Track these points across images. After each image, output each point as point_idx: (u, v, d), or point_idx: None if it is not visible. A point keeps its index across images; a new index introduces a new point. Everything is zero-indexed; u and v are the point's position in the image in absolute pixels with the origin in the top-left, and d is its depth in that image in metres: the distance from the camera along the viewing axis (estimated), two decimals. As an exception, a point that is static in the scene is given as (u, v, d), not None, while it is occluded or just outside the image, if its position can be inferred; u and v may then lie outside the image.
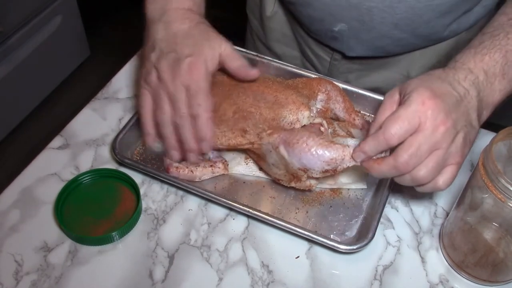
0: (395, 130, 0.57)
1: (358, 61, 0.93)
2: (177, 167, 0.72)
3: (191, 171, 0.72)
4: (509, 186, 0.55)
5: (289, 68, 0.84)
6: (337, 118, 0.79)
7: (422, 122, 0.57)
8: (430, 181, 0.60)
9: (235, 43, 0.88)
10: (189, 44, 0.68)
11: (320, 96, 0.76)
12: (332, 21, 0.84)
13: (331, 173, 0.65)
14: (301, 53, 1.00)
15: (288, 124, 0.69)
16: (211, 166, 0.73)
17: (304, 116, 0.69)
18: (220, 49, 0.69)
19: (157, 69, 0.68)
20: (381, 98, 0.80)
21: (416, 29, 0.81)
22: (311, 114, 0.70)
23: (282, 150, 0.66)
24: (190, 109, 0.67)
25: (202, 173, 0.73)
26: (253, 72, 0.72)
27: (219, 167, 0.73)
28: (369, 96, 0.82)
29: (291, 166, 0.66)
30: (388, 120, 0.58)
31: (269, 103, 0.70)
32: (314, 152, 0.64)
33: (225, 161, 0.74)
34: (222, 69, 0.72)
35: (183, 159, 0.72)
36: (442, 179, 0.60)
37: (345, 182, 0.74)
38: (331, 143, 0.64)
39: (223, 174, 0.74)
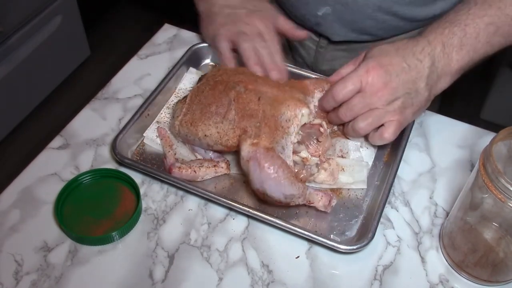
0: (340, 89, 0.70)
1: (343, 46, 0.96)
2: (179, 167, 0.72)
3: (194, 171, 0.72)
4: (509, 186, 0.55)
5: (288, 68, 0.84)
6: None
7: (363, 86, 0.69)
8: (371, 133, 0.72)
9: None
10: (254, 5, 0.83)
11: (317, 95, 0.76)
12: (316, 4, 0.88)
13: (282, 205, 0.68)
14: (287, 43, 1.02)
15: (286, 121, 0.69)
16: (214, 166, 0.73)
17: (302, 114, 0.69)
18: (276, 14, 0.84)
19: (232, 21, 0.80)
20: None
21: (398, 11, 0.85)
22: (310, 113, 0.71)
23: (251, 165, 0.66)
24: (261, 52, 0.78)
25: (205, 173, 0.73)
26: (302, 33, 0.85)
27: (222, 167, 0.73)
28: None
29: (251, 183, 0.67)
30: (339, 81, 0.71)
31: (270, 99, 0.71)
32: (278, 183, 0.65)
33: (227, 161, 0.74)
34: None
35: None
36: (386, 132, 0.71)
37: (345, 182, 0.74)
38: (296, 180, 0.66)
39: (224, 174, 0.74)
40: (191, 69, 0.87)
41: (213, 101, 0.72)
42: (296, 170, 0.70)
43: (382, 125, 0.71)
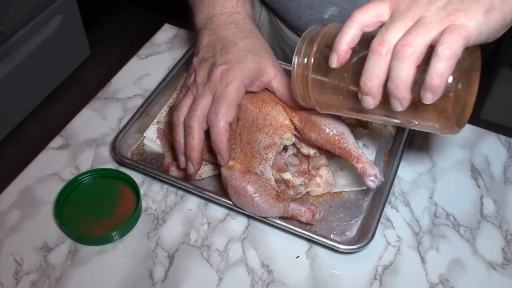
0: (366, 10, 0.51)
1: None
2: (177, 166, 0.72)
3: None
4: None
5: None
6: None
7: (395, 2, 0.50)
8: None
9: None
10: (227, 51, 0.66)
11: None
12: (322, 6, 0.82)
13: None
14: (282, 53, 0.99)
15: (263, 148, 0.65)
16: (211, 163, 0.73)
17: (283, 138, 0.66)
18: (264, 65, 0.67)
19: (195, 73, 0.68)
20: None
21: None
22: (293, 136, 0.67)
23: (229, 190, 0.66)
24: (208, 114, 0.63)
25: (203, 170, 0.72)
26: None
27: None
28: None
29: (231, 200, 0.67)
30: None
31: (249, 122, 0.66)
32: (257, 208, 0.65)
33: None
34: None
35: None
36: (445, 41, 0.47)
37: (345, 183, 0.73)
38: (276, 200, 0.65)
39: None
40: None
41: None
42: (281, 190, 0.68)
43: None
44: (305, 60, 0.57)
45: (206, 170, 0.73)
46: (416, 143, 0.80)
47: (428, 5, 0.48)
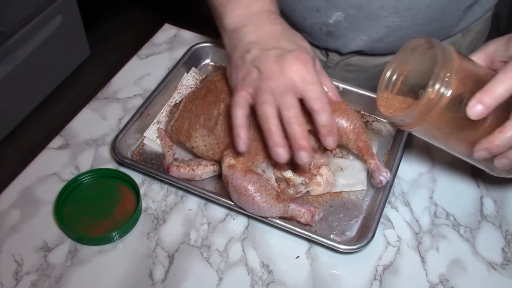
0: None
1: (352, 67, 0.90)
2: (177, 166, 0.72)
3: (192, 169, 0.72)
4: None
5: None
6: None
7: None
8: None
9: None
10: (289, 41, 0.64)
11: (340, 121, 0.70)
12: (328, 9, 0.81)
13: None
14: None
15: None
16: (212, 164, 0.73)
17: None
18: (314, 56, 0.65)
19: (257, 67, 0.62)
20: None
21: (416, 16, 0.78)
22: None
23: (229, 188, 0.66)
24: (307, 104, 0.60)
25: (203, 171, 0.72)
26: (338, 97, 0.67)
27: (220, 166, 0.73)
28: (369, 96, 0.81)
29: (231, 199, 0.67)
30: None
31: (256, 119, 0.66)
32: (257, 207, 0.65)
33: None
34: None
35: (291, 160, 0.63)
36: None
37: (345, 183, 0.73)
38: (276, 200, 0.65)
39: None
40: (193, 68, 0.87)
41: (202, 112, 0.71)
42: (281, 189, 0.69)
43: None
44: (442, 90, 0.53)
45: (206, 171, 0.73)
46: (416, 143, 0.80)
47: None
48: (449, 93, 0.52)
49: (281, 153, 0.59)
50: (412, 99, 0.60)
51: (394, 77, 0.61)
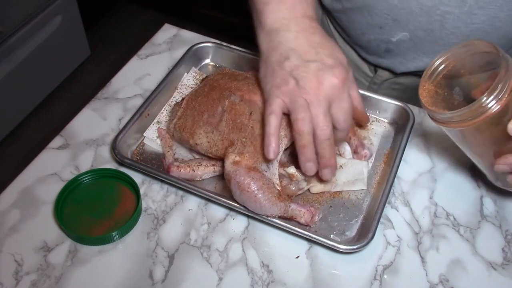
0: None
1: (399, 85, 0.87)
2: (178, 166, 0.72)
3: (193, 169, 0.72)
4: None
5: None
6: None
7: None
8: None
9: (241, 45, 0.88)
10: (328, 54, 0.64)
11: None
12: (393, 29, 0.78)
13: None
14: None
15: None
16: (212, 165, 0.73)
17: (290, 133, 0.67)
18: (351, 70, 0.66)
19: (296, 79, 0.63)
20: (382, 99, 0.80)
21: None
22: None
23: (232, 185, 0.66)
24: (334, 121, 0.63)
25: (204, 171, 0.73)
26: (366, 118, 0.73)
27: (220, 166, 0.73)
28: (369, 96, 0.81)
29: (233, 196, 0.67)
30: None
31: (261, 116, 0.67)
32: (258, 205, 0.65)
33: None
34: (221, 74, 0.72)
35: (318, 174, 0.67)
36: None
37: (345, 182, 0.73)
38: (277, 199, 0.65)
39: (223, 173, 0.74)
40: (192, 68, 0.87)
41: (205, 109, 0.71)
42: (283, 185, 0.69)
43: None
44: (495, 101, 0.55)
45: (207, 172, 0.73)
46: (416, 143, 0.80)
47: None
48: (498, 107, 0.55)
49: (311, 168, 0.64)
50: (448, 95, 0.62)
51: (440, 69, 0.62)
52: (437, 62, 0.62)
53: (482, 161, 0.65)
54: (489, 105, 0.55)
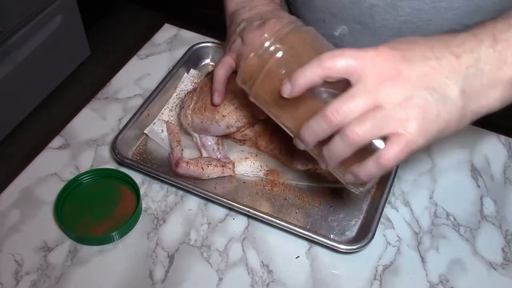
0: (335, 61, 0.48)
1: None
2: (187, 162, 0.71)
3: (202, 168, 0.72)
4: None
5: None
6: None
7: (364, 73, 0.47)
8: (355, 164, 0.49)
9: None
10: (275, 15, 0.68)
11: None
12: (333, 22, 0.81)
13: None
14: None
15: None
16: (222, 166, 0.73)
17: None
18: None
19: (241, 36, 0.68)
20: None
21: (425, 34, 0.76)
22: None
23: None
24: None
25: (212, 171, 0.72)
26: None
27: (229, 168, 0.73)
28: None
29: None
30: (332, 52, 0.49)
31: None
32: None
33: (234, 162, 0.74)
34: None
35: None
36: (387, 152, 0.47)
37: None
38: None
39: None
40: (192, 70, 0.87)
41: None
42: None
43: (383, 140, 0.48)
44: (273, 48, 0.54)
45: (215, 171, 0.73)
46: (416, 143, 0.80)
47: (391, 96, 0.47)
48: (278, 54, 0.53)
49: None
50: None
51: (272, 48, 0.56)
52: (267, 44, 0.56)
53: (297, 140, 0.54)
54: (269, 51, 0.53)
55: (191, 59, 0.88)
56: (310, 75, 0.48)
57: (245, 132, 0.73)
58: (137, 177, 0.74)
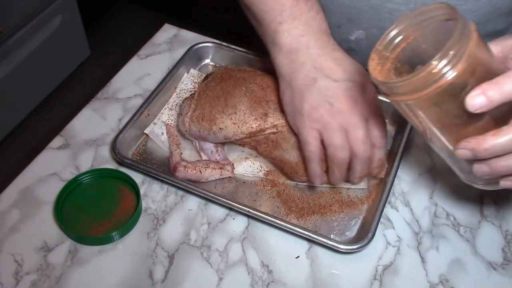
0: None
1: None
2: (185, 166, 0.71)
3: (200, 171, 0.72)
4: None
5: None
6: None
7: None
8: None
9: (241, 45, 0.88)
10: (355, 72, 0.63)
11: None
12: (349, 27, 0.79)
13: None
14: None
15: None
16: (220, 168, 0.73)
17: None
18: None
19: (327, 101, 0.61)
20: (382, 99, 0.80)
21: None
22: None
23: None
24: (371, 139, 0.63)
25: (210, 174, 0.72)
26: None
27: (228, 170, 0.73)
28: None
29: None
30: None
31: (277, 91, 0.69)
32: None
33: (233, 164, 0.74)
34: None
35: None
36: None
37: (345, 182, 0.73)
38: None
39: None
40: (192, 70, 0.87)
41: (222, 94, 0.71)
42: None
43: None
44: (448, 68, 0.45)
45: (214, 174, 0.72)
46: (416, 143, 0.80)
47: None
48: (454, 74, 0.45)
49: (320, 181, 0.68)
50: (408, 73, 0.52)
51: (397, 40, 0.53)
52: (394, 31, 0.52)
53: (444, 148, 0.54)
54: (441, 73, 0.45)
55: (191, 59, 0.88)
56: (508, 88, 0.44)
57: (245, 141, 0.72)
58: (137, 177, 0.74)
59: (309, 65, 0.62)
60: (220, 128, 0.70)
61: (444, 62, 0.45)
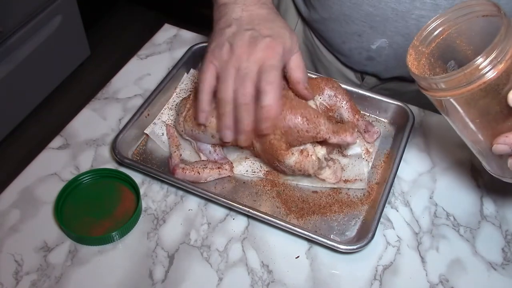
0: None
1: (389, 91, 0.86)
2: (183, 168, 0.72)
3: (198, 172, 0.72)
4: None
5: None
6: (340, 119, 0.78)
7: None
8: None
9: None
10: (268, 26, 0.66)
11: (328, 92, 0.75)
12: (371, 35, 0.78)
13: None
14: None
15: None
16: (218, 167, 0.73)
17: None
18: (295, 47, 0.67)
19: (230, 44, 0.65)
20: (382, 99, 0.80)
21: None
22: (317, 108, 0.70)
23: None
24: (259, 85, 0.63)
25: (209, 174, 0.72)
26: (308, 93, 0.68)
27: (226, 169, 0.73)
28: (369, 96, 0.81)
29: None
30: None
31: (289, 99, 0.69)
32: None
33: (231, 162, 0.74)
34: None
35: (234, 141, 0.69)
36: None
37: (345, 182, 0.73)
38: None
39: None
40: (192, 70, 0.87)
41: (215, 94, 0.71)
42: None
43: None
44: (492, 66, 0.47)
45: (212, 174, 0.73)
46: (416, 143, 0.80)
47: None
48: (498, 70, 0.47)
49: (228, 135, 0.67)
50: (441, 68, 0.54)
51: (435, 34, 0.54)
52: (432, 26, 0.54)
53: (478, 142, 0.55)
54: (486, 69, 0.46)
55: (191, 59, 0.88)
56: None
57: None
58: (137, 177, 0.74)
59: (230, 15, 0.68)
60: (205, 126, 0.70)
61: (490, 58, 0.46)
